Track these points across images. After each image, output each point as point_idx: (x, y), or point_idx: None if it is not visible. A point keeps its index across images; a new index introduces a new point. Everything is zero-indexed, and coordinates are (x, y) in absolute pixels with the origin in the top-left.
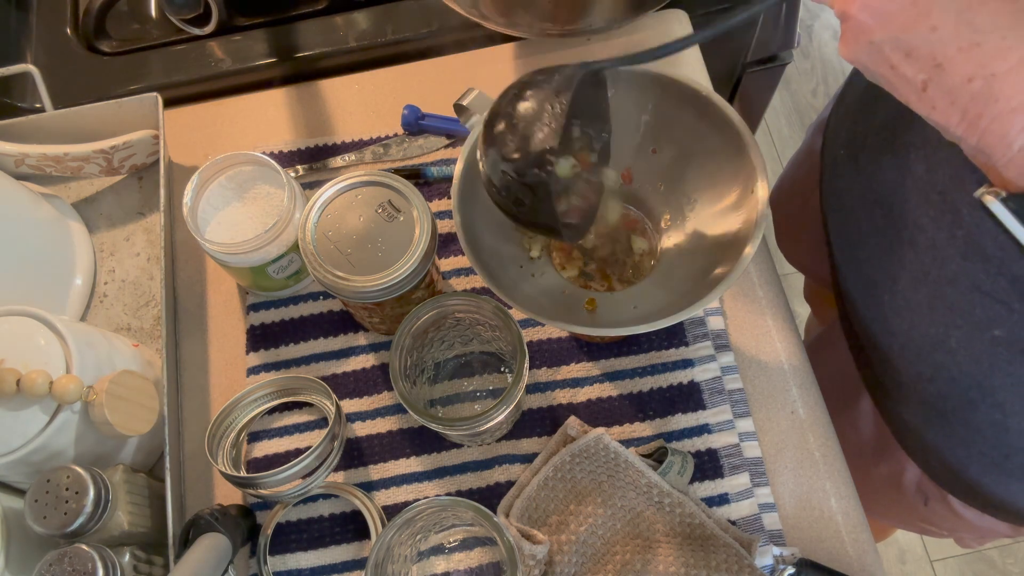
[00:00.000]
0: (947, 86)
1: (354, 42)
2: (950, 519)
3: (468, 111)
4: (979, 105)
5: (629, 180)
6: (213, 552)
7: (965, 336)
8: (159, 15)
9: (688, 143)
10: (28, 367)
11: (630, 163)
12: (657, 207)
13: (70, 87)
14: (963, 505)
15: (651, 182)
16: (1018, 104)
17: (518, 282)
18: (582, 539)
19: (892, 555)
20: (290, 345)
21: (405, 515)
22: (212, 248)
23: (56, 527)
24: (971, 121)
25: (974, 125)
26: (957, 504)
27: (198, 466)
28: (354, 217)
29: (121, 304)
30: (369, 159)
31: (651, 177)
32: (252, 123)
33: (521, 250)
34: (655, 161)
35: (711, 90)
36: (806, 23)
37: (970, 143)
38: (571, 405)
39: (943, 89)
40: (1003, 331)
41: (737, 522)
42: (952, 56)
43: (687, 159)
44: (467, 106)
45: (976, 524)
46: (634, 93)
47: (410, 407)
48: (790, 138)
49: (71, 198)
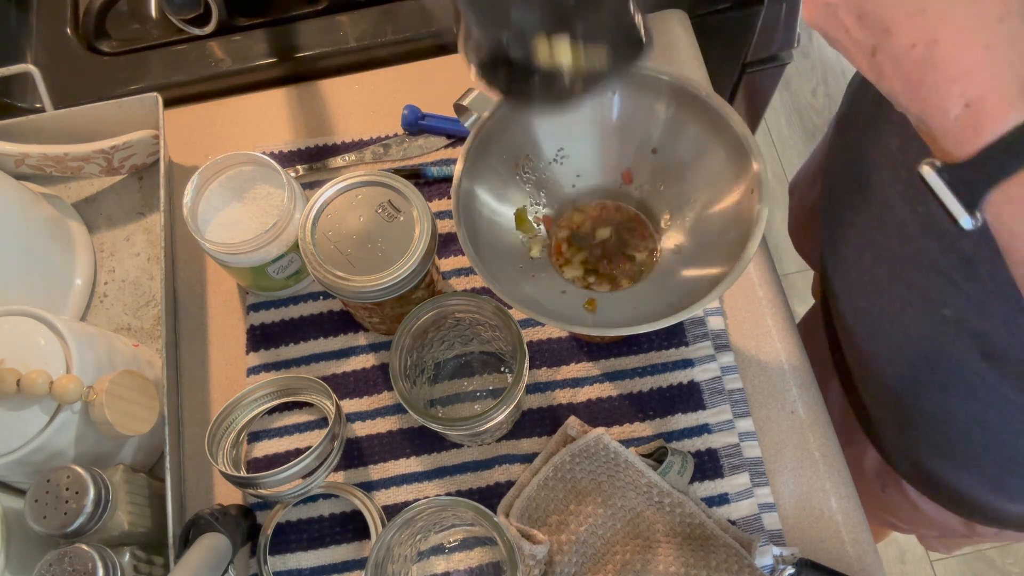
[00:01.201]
0: (893, 52)
1: (354, 42)
2: (908, 510)
3: (468, 111)
4: (919, 72)
5: (629, 180)
6: (213, 552)
7: (919, 314)
8: (159, 15)
9: (688, 144)
10: (28, 367)
11: (630, 164)
12: (657, 207)
13: (70, 87)
14: (919, 495)
15: (651, 182)
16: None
17: (518, 282)
18: (582, 539)
19: (892, 555)
20: (290, 345)
21: (405, 515)
22: (212, 248)
23: (56, 527)
24: (913, 89)
25: (915, 93)
26: (913, 494)
27: (198, 466)
28: (354, 217)
29: (121, 304)
30: (369, 159)
31: (651, 177)
32: (252, 123)
33: (521, 250)
34: (655, 161)
35: (711, 91)
36: None
37: (913, 112)
38: (571, 405)
39: (889, 55)
40: (951, 310)
41: (737, 522)
42: (899, 21)
43: (687, 160)
44: (467, 106)
45: (934, 518)
46: (635, 94)
47: (410, 407)
48: (790, 138)
49: (71, 198)
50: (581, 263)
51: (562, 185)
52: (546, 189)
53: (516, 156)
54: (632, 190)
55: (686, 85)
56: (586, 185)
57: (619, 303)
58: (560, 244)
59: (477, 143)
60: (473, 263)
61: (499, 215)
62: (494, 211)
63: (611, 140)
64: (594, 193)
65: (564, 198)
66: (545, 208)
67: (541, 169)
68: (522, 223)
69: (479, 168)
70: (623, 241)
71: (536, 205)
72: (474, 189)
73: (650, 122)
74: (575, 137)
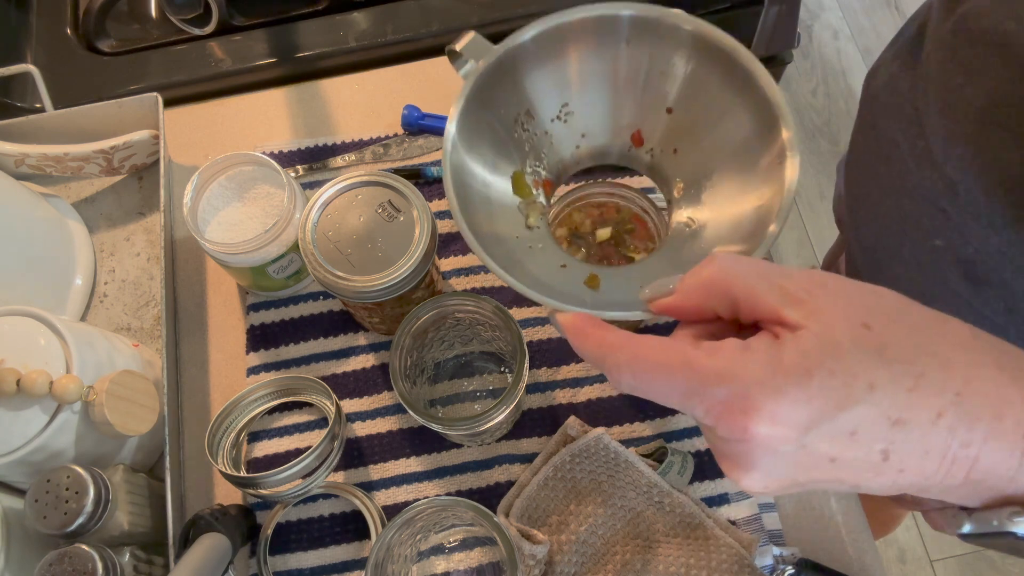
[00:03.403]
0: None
1: (354, 42)
2: None
3: (462, 57)
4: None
5: (640, 142)
6: (213, 552)
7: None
8: (159, 15)
9: (708, 104)
10: (28, 367)
11: (640, 123)
12: (670, 174)
13: (70, 87)
14: None
15: (664, 145)
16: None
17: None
18: (582, 539)
19: (892, 555)
20: (290, 345)
21: (405, 515)
22: (212, 248)
23: (56, 527)
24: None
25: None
26: None
27: (198, 466)
28: (354, 217)
29: (121, 304)
30: (369, 159)
31: (664, 140)
32: (252, 123)
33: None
34: (670, 122)
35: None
36: (806, 23)
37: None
38: (571, 405)
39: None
40: (943, 240)
41: (737, 522)
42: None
43: (706, 122)
44: (460, 52)
45: None
46: (649, 43)
47: (410, 407)
48: None
49: (71, 198)
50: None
51: (565, 146)
52: (547, 150)
53: (516, 112)
54: (642, 153)
55: (710, 36)
56: (592, 146)
57: (624, 280)
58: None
59: (471, 95)
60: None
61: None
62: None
63: (621, 96)
64: (600, 155)
65: (567, 160)
66: (545, 172)
67: (542, 127)
68: (520, 188)
69: (473, 125)
70: (623, 241)
71: (537, 167)
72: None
73: (666, 77)
74: (581, 91)
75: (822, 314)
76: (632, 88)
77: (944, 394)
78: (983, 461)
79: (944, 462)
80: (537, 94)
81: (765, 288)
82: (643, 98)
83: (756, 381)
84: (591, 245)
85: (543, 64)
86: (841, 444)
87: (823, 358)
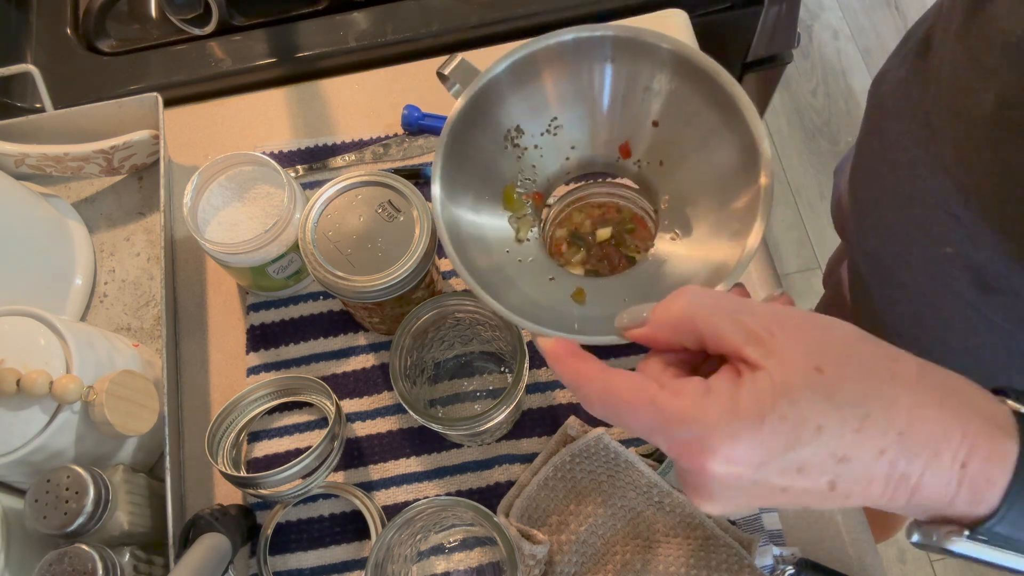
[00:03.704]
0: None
1: (354, 42)
2: None
3: (450, 80)
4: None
5: (628, 153)
6: (213, 552)
7: (923, 252)
8: (159, 15)
9: (691, 119)
10: (28, 367)
11: (628, 135)
12: (657, 186)
13: (70, 87)
14: None
15: (650, 157)
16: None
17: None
18: (582, 539)
19: (892, 555)
20: (290, 345)
21: (405, 515)
22: (212, 248)
23: (56, 527)
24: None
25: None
26: None
27: (198, 466)
28: (354, 217)
29: (121, 304)
30: (369, 159)
31: (651, 152)
32: (252, 123)
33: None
34: (656, 135)
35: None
36: (806, 23)
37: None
38: (571, 405)
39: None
40: (953, 247)
41: (737, 522)
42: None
43: (690, 136)
44: (448, 75)
45: None
46: (631, 62)
47: (410, 407)
48: (790, 138)
49: (71, 198)
50: (580, 263)
51: (555, 158)
52: (537, 163)
53: (506, 129)
54: (630, 164)
55: (690, 57)
56: (581, 157)
57: (610, 293)
58: (560, 244)
59: (461, 115)
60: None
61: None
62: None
63: (609, 110)
64: (588, 166)
65: (556, 172)
66: (535, 184)
67: (532, 141)
68: (510, 202)
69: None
70: (623, 241)
71: (527, 180)
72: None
73: (650, 93)
74: (570, 107)
75: (780, 355)
76: (619, 103)
77: (887, 434)
78: (923, 490)
79: (887, 488)
80: (525, 112)
81: (728, 327)
82: (630, 112)
83: (714, 426)
84: (591, 245)
85: (527, 85)
86: (790, 477)
87: (777, 401)
